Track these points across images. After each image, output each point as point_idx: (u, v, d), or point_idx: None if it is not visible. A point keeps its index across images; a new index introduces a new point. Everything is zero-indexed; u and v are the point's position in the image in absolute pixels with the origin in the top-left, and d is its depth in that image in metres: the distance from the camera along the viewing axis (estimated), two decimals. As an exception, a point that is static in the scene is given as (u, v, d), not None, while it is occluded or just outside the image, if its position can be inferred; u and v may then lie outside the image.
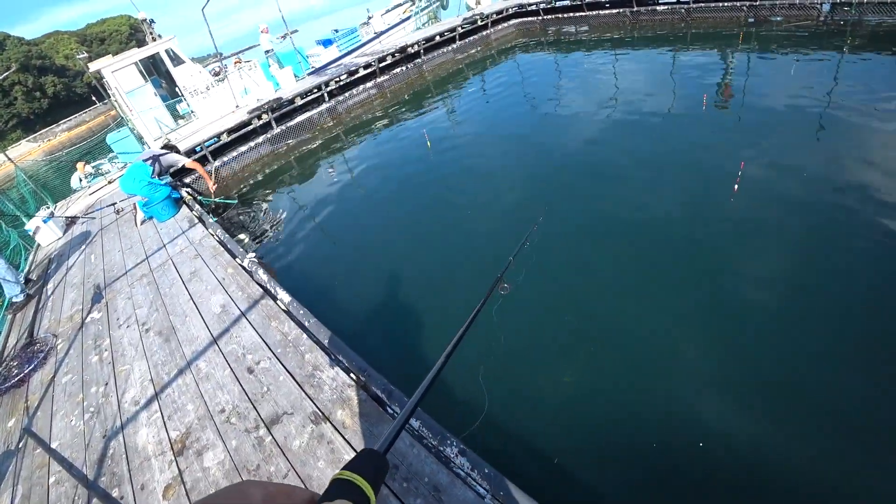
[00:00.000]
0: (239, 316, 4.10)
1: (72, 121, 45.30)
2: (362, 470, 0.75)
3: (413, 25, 18.62)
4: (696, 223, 5.12)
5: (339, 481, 0.73)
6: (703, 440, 3.04)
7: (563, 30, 16.52)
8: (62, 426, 3.57)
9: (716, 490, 2.84)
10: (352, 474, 0.74)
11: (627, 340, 3.91)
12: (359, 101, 14.03)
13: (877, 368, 3.25)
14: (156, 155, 7.08)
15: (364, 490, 0.72)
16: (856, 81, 7.51)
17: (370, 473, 0.76)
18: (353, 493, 0.71)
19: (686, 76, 9.43)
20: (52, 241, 8.14)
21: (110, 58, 12.18)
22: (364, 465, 0.77)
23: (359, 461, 0.79)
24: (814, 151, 5.76)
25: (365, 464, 0.78)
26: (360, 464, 0.78)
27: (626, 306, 4.26)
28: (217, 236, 5.86)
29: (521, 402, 3.64)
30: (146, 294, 5.08)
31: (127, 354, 4.13)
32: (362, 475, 0.74)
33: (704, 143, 6.59)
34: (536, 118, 9.39)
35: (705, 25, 12.69)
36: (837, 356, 3.40)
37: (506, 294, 2.27)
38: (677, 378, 3.51)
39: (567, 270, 4.87)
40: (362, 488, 0.72)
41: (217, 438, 2.94)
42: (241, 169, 11.36)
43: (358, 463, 0.78)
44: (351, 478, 0.73)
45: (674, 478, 2.94)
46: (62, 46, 60.99)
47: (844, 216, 4.60)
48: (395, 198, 7.67)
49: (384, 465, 0.82)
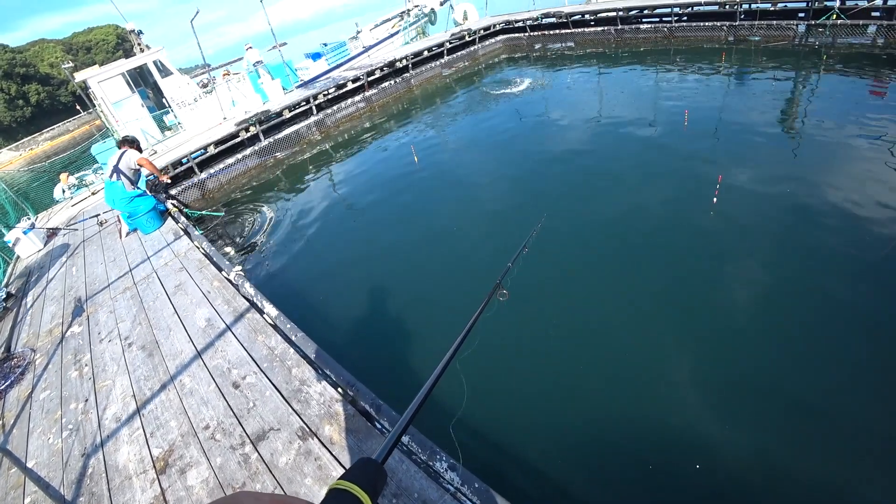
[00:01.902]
0: (224, 330, 4.04)
1: (55, 130, 44.64)
2: (360, 480, 0.74)
3: (401, 40, 18.81)
4: (679, 232, 5.26)
5: (336, 491, 0.72)
6: (697, 452, 3.06)
7: (549, 46, 16.84)
8: (39, 444, 3.46)
9: (710, 497, 2.85)
10: (349, 484, 0.72)
11: (619, 352, 3.94)
12: (347, 114, 14.08)
13: (858, 370, 3.33)
14: (116, 167, 6.50)
15: (362, 500, 0.71)
16: (829, 99, 7.78)
17: (368, 483, 0.74)
18: (349, 502, 0.70)
19: (668, 93, 9.64)
20: (32, 252, 7.96)
21: (97, 68, 12.09)
22: (361, 475, 0.76)
23: (356, 471, 0.77)
24: (789, 163, 5.95)
25: (362, 473, 0.77)
26: (358, 473, 0.76)
27: (617, 316, 4.30)
28: (203, 249, 5.80)
29: (513, 414, 3.63)
30: (129, 307, 4.98)
31: (108, 369, 4.04)
32: (360, 485, 0.73)
33: (686, 157, 6.74)
34: (524, 130, 9.51)
35: (687, 44, 13.04)
36: (818, 358, 3.49)
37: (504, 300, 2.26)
38: (669, 388, 3.53)
39: (556, 281, 4.90)
40: (360, 498, 0.71)
41: (201, 456, 2.87)
42: (228, 181, 11.28)
43: (355, 472, 0.77)
44: (348, 488, 0.72)
45: (667, 487, 2.95)
46: (47, 54, 60.35)
47: (819, 224, 4.80)
48: (383, 211, 7.68)
49: (382, 475, 0.80)
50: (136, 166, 6.55)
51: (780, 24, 11.41)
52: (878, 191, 5.06)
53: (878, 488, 2.70)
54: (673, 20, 13.59)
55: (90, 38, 69.23)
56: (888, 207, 4.77)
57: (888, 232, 4.47)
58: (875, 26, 9.84)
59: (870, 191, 5.09)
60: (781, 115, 7.39)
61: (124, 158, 6.46)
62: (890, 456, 2.84)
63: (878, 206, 4.82)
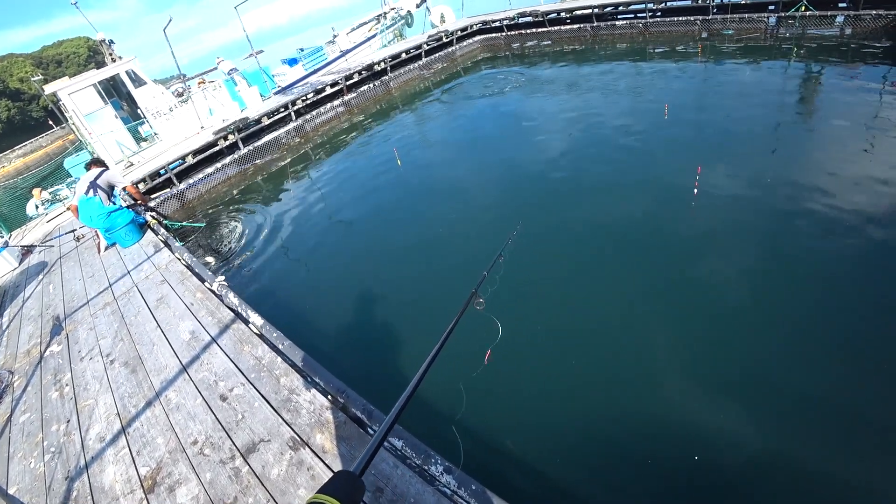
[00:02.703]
0: (209, 342, 3.96)
1: (27, 146, 43.47)
2: (337, 492, 0.77)
3: (379, 43, 18.75)
4: (661, 226, 5.30)
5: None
6: (690, 445, 3.08)
7: (527, 45, 16.93)
8: (20, 469, 3.34)
9: (706, 491, 2.87)
10: (325, 497, 0.75)
11: (608, 349, 3.95)
12: (327, 118, 13.98)
13: (857, 361, 3.37)
14: (92, 182, 6.36)
15: None
16: (802, 87, 7.94)
17: (345, 495, 0.78)
18: None
19: (646, 88, 9.75)
20: (6, 272, 7.72)
21: (67, 79, 11.80)
22: (338, 488, 0.79)
23: (333, 484, 0.81)
24: (766, 155, 6.03)
25: (339, 486, 0.80)
26: (335, 486, 0.80)
27: (602, 313, 4.32)
28: (184, 261, 5.68)
29: (506, 415, 3.62)
30: (110, 323, 4.86)
31: (90, 388, 3.93)
32: (336, 497, 0.76)
33: (665, 151, 6.81)
34: (505, 130, 9.54)
35: (662, 39, 13.22)
36: (816, 350, 3.53)
37: (481, 309, 2.24)
38: (662, 385, 3.55)
39: (541, 280, 4.90)
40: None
41: (190, 472, 2.80)
42: (207, 191, 11.10)
43: (332, 486, 0.80)
44: (326, 501, 0.75)
45: (664, 484, 2.96)
46: (16, 69, 58.81)
47: (805, 212, 4.85)
48: (367, 216, 7.62)
49: (359, 486, 0.83)
50: (114, 183, 6.46)
51: (751, 17, 11.63)
52: (865, 174, 5.13)
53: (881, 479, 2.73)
54: (647, 16, 13.77)
55: (60, 51, 67.65)
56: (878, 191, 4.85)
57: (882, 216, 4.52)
58: (843, 16, 10.09)
59: (857, 173, 5.16)
60: (759, 105, 7.51)
61: (104, 176, 6.39)
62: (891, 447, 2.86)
63: (866, 189, 4.90)
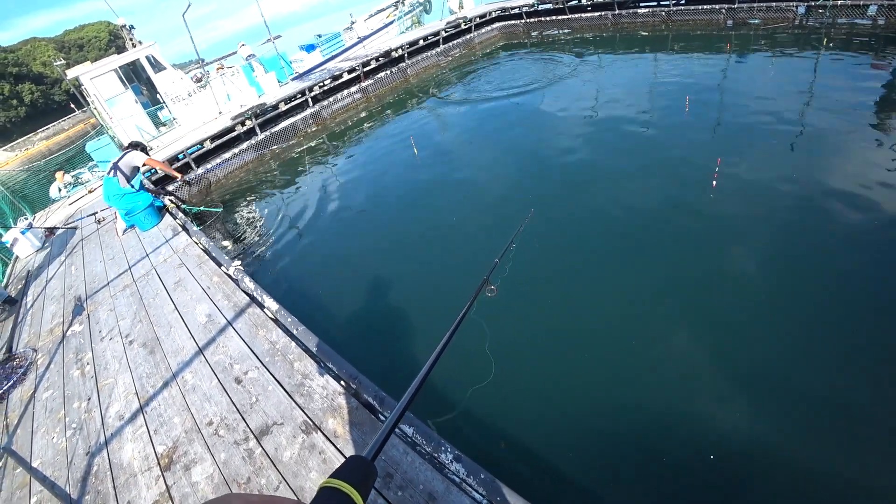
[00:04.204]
0: (225, 325, 4.02)
1: (50, 129, 44.26)
2: (349, 477, 0.77)
3: (396, 30, 18.61)
4: (677, 218, 5.21)
5: (326, 489, 0.75)
6: (698, 438, 3.05)
7: (546, 33, 16.66)
8: (43, 444, 3.46)
9: (712, 488, 2.85)
10: (338, 481, 0.75)
11: (619, 339, 3.92)
12: (343, 105, 13.97)
13: (866, 360, 3.30)
14: (114, 164, 6.62)
15: (351, 496, 0.74)
16: (831, 81, 7.69)
17: (357, 480, 0.77)
18: (340, 500, 0.73)
19: (667, 78, 9.54)
20: (30, 253, 7.93)
21: (89, 64, 11.95)
22: (351, 472, 0.79)
23: (345, 468, 0.80)
24: (788, 148, 5.88)
25: (352, 470, 0.80)
26: (347, 471, 0.79)
27: (615, 304, 4.28)
28: (201, 245, 5.76)
29: (516, 405, 3.62)
30: (129, 305, 4.96)
31: (110, 368, 4.03)
32: (349, 482, 0.75)
33: (685, 142, 6.68)
34: (522, 120, 9.42)
35: (686, 28, 12.90)
36: (829, 346, 3.46)
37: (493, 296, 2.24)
38: (669, 376, 3.52)
39: (554, 269, 4.87)
40: (349, 495, 0.74)
41: (205, 452, 2.87)
42: (225, 176, 11.22)
43: (345, 470, 0.80)
44: (338, 485, 0.74)
45: (669, 476, 2.94)
46: (39, 53, 59.77)
47: (825, 209, 4.71)
48: (382, 203, 7.63)
49: (372, 472, 0.83)
50: (136, 165, 6.66)
51: (779, 6, 11.26)
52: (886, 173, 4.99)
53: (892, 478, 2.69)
54: (671, 4, 13.41)
55: (82, 35, 68.52)
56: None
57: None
58: (876, 6, 9.70)
59: (878, 173, 5.02)
60: (783, 99, 7.30)
61: (126, 157, 6.60)
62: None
63: (887, 189, 4.76)
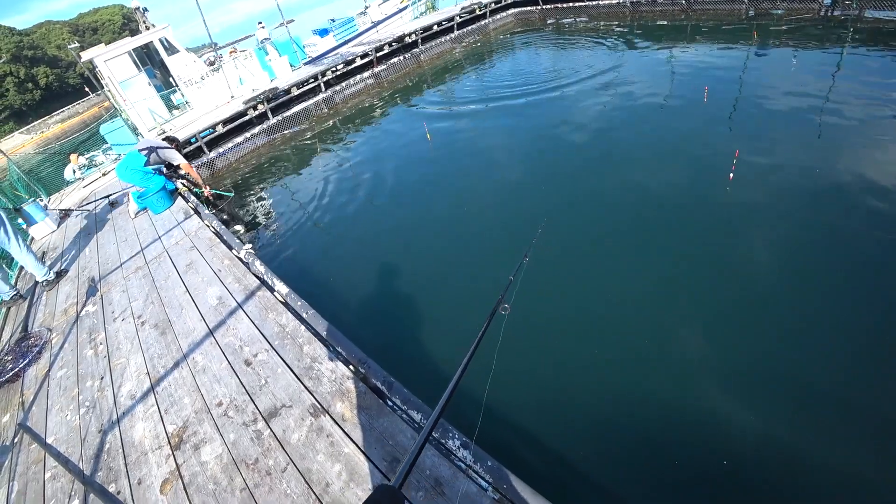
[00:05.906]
0: (236, 308, 4.05)
1: (65, 112, 44.75)
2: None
3: (410, 15, 18.42)
4: (694, 212, 5.10)
5: None
6: (706, 432, 3.02)
7: (562, 20, 16.36)
8: (58, 421, 3.52)
9: (719, 481, 2.82)
10: None
11: (632, 334, 3.87)
12: (356, 91, 13.89)
13: (881, 356, 3.23)
14: (154, 146, 6.78)
15: None
16: (856, 76, 7.45)
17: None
18: None
19: (687, 67, 9.33)
20: (45, 234, 8.04)
21: (103, 47, 11.99)
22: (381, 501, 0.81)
23: (376, 498, 0.82)
24: (810, 142, 5.72)
25: (380, 500, 0.81)
26: (377, 499, 0.81)
27: (632, 299, 4.22)
28: (213, 228, 5.79)
29: (525, 395, 3.60)
30: (141, 287, 5.01)
31: (122, 348, 4.08)
32: None
33: (705, 133, 6.54)
34: (538, 107, 9.29)
35: (706, 17, 12.56)
36: (843, 346, 3.38)
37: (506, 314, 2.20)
38: (679, 370, 3.48)
39: (570, 267, 4.82)
40: None
41: (215, 432, 2.89)
42: (237, 160, 11.25)
43: (375, 499, 0.81)
44: None
45: (676, 468, 2.92)
46: (54, 36, 60.21)
47: (843, 204, 4.60)
48: (394, 189, 7.59)
49: (400, 500, 0.84)
50: (173, 162, 7.09)
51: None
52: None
53: None
54: (690, -10, 13.07)
55: (96, 18, 68.87)
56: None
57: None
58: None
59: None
60: (805, 92, 7.10)
61: (167, 152, 7.03)
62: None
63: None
